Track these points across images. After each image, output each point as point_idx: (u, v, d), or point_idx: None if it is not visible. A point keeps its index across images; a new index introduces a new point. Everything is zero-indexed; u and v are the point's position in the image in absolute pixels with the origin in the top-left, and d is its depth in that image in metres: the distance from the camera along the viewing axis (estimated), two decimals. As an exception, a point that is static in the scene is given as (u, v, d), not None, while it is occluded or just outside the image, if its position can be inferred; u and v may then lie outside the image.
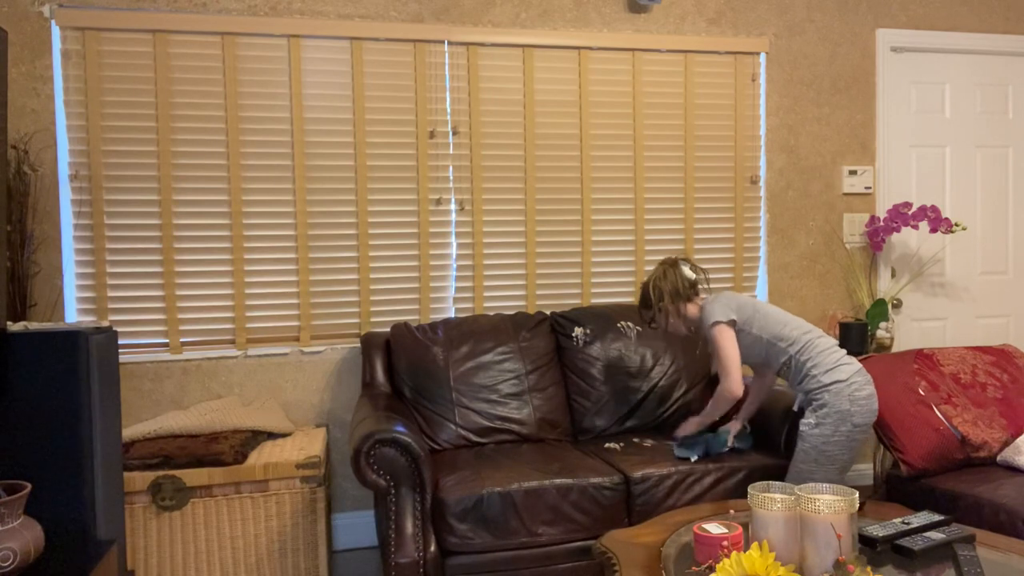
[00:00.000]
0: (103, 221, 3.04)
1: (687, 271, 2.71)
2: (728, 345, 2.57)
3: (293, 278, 3.22)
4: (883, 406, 2.61)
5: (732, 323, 2.60)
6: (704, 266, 3.64)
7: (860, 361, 2.73)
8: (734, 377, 2.56)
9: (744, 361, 2.64)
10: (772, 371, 2.70)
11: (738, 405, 2.91)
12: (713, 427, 2.87)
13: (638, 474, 2.55)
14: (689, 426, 2.78)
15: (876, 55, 3.83)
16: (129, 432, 2.70)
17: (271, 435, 2.96)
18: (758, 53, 3.68)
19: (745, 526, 1.83)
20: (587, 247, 3.50)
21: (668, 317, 2.71)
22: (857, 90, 3.83)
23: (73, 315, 3.02)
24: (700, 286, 2.74)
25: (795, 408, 2.60)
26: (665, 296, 2.68)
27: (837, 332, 3.70)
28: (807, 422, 2.45)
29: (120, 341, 3.08)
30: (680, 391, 3.15)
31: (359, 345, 3.28)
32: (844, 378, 2.43)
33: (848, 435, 2.41)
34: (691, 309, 2.70)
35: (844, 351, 2.54)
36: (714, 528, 1.75)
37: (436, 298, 3.36)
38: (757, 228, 3.72)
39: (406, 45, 3.28)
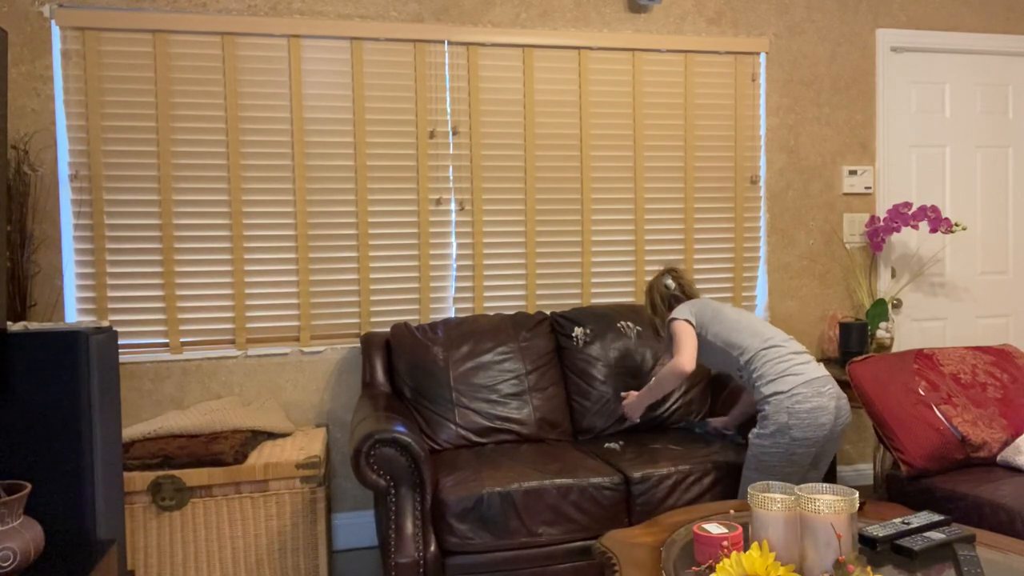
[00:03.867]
0: (103, 221, 3.04)
1: (668, 282, 2.83)
2: (684, 332, 2.62)
3: (293, 278, 3.22)
4: (883, 406, 2.61)
5: (689, 323, 2.66)
6: (704, 267, 3.64)
7: (859, 361, 2.72)
8: (686, 355, 2.58)
9: (710, 367, 2.71)
10: (738, 379, 2.68)
11: (726, 409, 3.08)
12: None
13: (638, 474, 2.55)
14: (632, 399, 2.82)
15: (876, 55, 3.83)
16: (129, 432, 2.70)
17: (271, 435, 2.96)
18: (758, 53, 3.68)
19: (745, 526, 1.83)
20: (587, 247, 3.50)
21: (659, 327, 2.87)
22: (857, 90, 3.83)
23: (73, 315, 3.02)
24: (685, 298, 2.83)
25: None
26: (648, 309, 2.88)
27: (837, 332, 3.70)
28: (754, 430, 2.45)
29: (120, 341, 3.08)
30: (680, 391, 3.15)
31: (359, 345, 3.28)
32: (785, 389, 2.38)
33: (788, 448, 2.36)
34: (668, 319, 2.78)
35: (801, 359, 2.47)
36: (714, 528, 1.75)
37: (436, 298, 3.36)
38: (757, 228, 3.72)
39: (406, 45, 3.28)
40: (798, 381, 2.39)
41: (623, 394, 2.92)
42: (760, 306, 3.75)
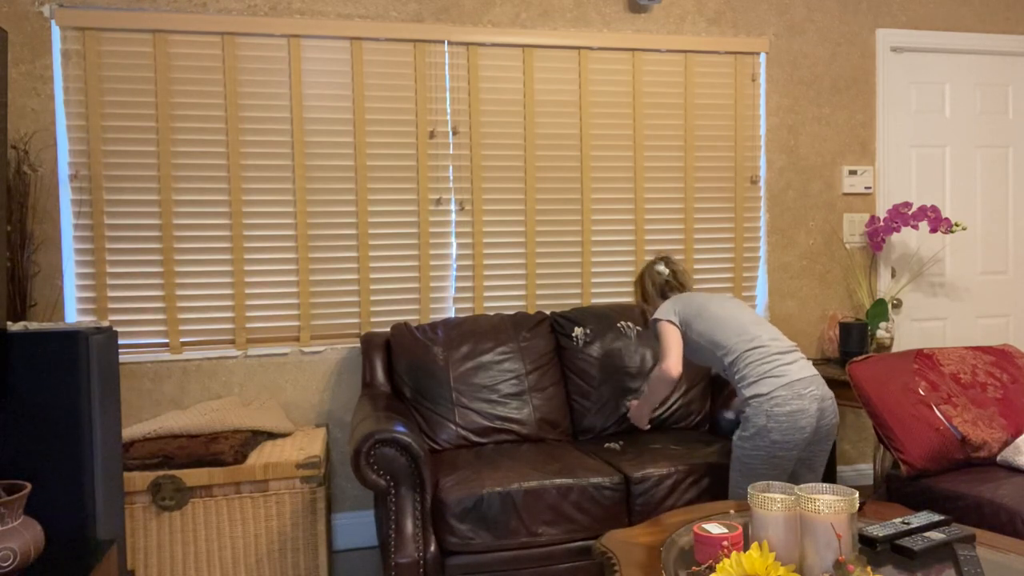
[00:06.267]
0: (103, 221, 3.04)
1: (661, 268, 2.79)
2: (669, 335, 2.58)
3: (293, 278, 3.22)
4: (883, 406, 2.61)
5: (672, 323, 2.62)
6: (704, 267, 3.64)
7: (859, 361, 2.72)
8: (672, 360, 2.54)
9: (699, 364, 2.68)
10: (724, 377, 2.64)
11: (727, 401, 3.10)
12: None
13: (638, 474, 2.55)
14: (635, 407, 2.83)
15: (876, 55, 3.83)
16: (129, 432, 2.70)
17: (271, 435, 2.96)
18: (758, 53, 3.68)
19: (745, 526, 1.83)
20: (587, 247, 3.50)
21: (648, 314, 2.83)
22: (857, 90, 3.83)
23: (73, 315, 3.02)
24: (678, 286, 2.80)
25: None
26: (639, 296, 2.86)
27: (837, 332, 3.70)
28: (737, 432, 2.43)
29: (120, 341, 3.08)
30: (679, 391, 3.15)
31: (359, 345, 3.28)
32: (764, 392, 2.34)
33: (768, 450, 2.33)
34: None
35: (786, 359, 2.42)
36: (714, 528, 1.75)
37: (436, 298, 3.36)
38: (757, 228, 3.72)
39: (406, 45, 3.28)
40: (779, 383, 2.36)
41: (627, 403, 2.92)
42: (760, 306, 3.75)
